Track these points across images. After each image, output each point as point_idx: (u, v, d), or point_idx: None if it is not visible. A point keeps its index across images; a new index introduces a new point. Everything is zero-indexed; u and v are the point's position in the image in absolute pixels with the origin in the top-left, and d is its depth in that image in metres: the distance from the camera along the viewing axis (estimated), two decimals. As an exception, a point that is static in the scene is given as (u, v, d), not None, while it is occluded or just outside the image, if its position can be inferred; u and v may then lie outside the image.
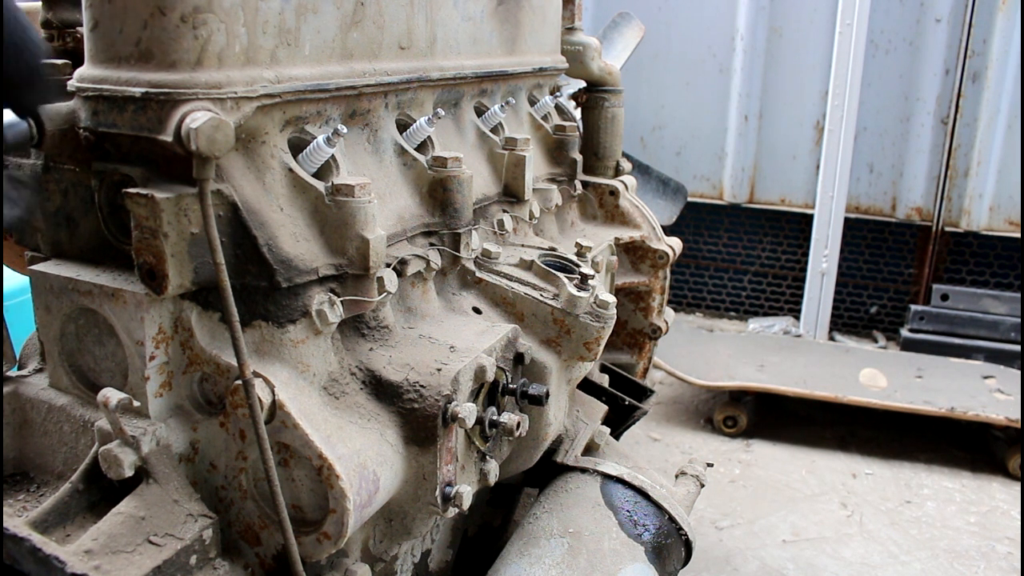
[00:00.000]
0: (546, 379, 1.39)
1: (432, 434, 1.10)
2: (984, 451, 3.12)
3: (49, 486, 1.17)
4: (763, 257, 4.40)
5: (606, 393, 1.93)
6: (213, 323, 1.04)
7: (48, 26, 1.43)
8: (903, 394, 3.10)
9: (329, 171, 1.14)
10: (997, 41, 3.67)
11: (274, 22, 1.05)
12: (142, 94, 0.96)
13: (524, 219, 1.62)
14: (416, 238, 1.30)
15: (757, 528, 2.63)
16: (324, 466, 0.99)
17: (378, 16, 1.24)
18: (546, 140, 1.86)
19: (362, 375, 1.14)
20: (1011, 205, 3.84)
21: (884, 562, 2.47)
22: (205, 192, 0.93)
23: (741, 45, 4.02)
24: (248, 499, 1.06)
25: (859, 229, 4.16)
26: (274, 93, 1.04)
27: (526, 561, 1.41)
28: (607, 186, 1.99)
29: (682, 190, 3.14)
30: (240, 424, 1.02)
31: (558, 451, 1.65)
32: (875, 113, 3.97)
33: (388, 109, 1.31)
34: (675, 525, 1.57)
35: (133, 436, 0.99)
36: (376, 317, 1.19)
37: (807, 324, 4.16)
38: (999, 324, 3.79)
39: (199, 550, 1.02)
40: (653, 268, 1.98)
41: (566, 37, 2.00)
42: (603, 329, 1.39)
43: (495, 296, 1.41)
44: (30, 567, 0.95)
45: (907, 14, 3.82)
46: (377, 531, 1.22)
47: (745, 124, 4.13)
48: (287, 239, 1.04)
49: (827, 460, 3.06)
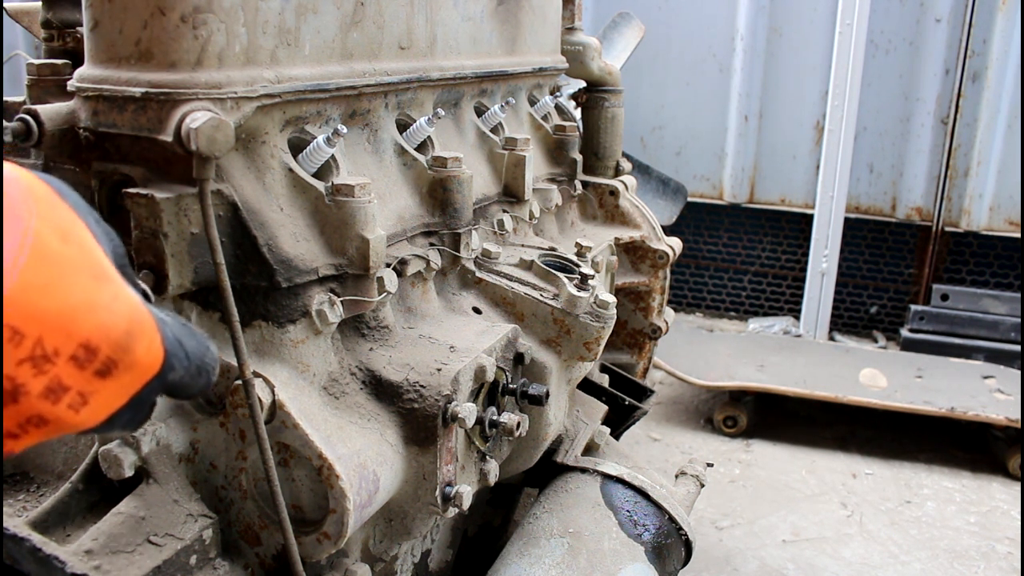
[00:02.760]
0: (546, 379, 1.39)
1: (432, 434, 1.10)
2: (984, 451, 3.12)
3: (49, 486, 1.17)
4: (763, 257, 4.40)
5: (606, 393, 1.93)
6: (213, 323, 1.04)
7: (48, 26, 1.43)
8: (903, 394, 3.10)
9: (329, 171, 1.14)
10: (997, 41, 3.67)
11: (274, 22, 1.05)
12: (142, 94, 0.96)
13: (524, 219, 1.62)
14: (416, 238, 1.30)
15: (757, 528, 2.63)
16: (324, 466, 0.99)
17: (378, 16, 1.24)
18: (546, 140, 1.86)
19: (362, 375, 1.14)
20: (1011, 205, 3.84)
21: (884, 562, 2.47)
22: (205, 192, 0.93)
23: (741, 45, 4.02)
24: (248, 499, 1.06)
25: (859, 229, 4.16)
26: (274, 93, 1.04)
27: (526, 561, 1.41)
28: (607, 186, 1.99)
29: (682, 190, 3.14)
30: (240, 424, 1.02)
31: (558, 451, 1.65)
32: (875, 113, 3.97)
33: (388, 109, 1.31)
34: (675, 525, 1.57)
35: (133, 436, 0.99)
36: (376, 317, 1.19)
37: (807, 324, 4.16)
38: (999, 324, 3.79)
39: (199, 550, 1.02)
40: (653, 268, 1.98)
41: (566, 37, 2.00)
42: (603, 329, 1.39)
43: (495, 296, 1.41)
44: (30, 567, 0.95)
45: (907, 14, 3.82)
46: (377, 531, 1.22)
47: (745, 124, 4.12)
48: (287, 239, 1.04)
49: (827, 460, 3.06)
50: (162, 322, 0.59)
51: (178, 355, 0.60)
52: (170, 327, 0.61)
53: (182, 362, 0.61)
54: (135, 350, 0.55)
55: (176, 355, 0.60)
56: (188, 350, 0.62)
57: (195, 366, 0.63)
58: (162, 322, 0.59)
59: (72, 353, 0.51)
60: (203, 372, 0.64)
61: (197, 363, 0.63)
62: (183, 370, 0.61)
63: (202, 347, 0.65)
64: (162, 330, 0.59)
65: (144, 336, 0.56)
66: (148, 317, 0.57)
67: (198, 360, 0.63)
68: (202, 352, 0.64)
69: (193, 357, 0.63)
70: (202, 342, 0.65)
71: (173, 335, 0.60)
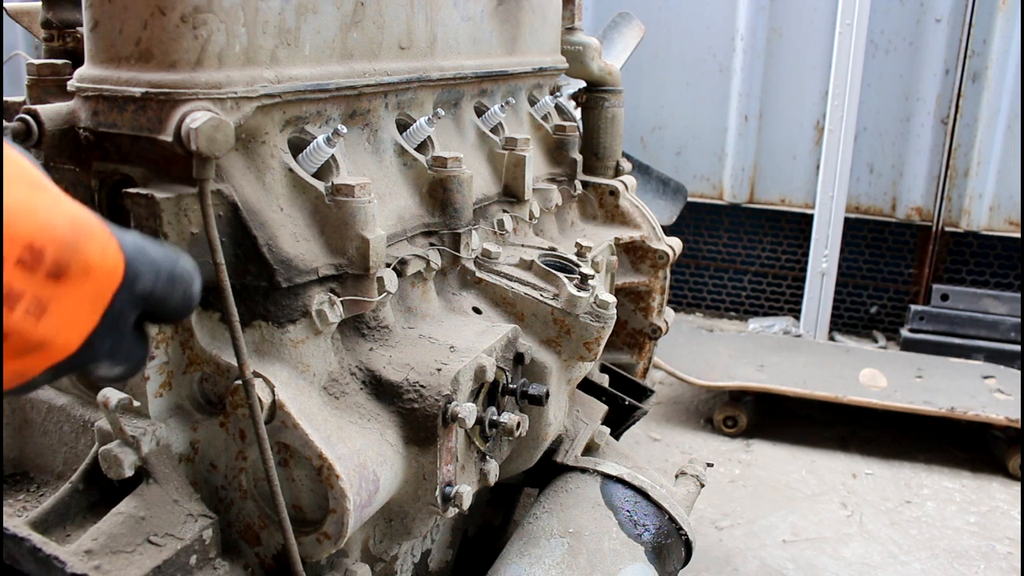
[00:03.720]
0: (546, 379, 1.39)
1: (432, 434, 1.10)
2: (984, 451, 3.12)
3: (49, 486, 1.17)
4: (763, 257, 4.40)
5: (606, 393, 1.93)
6: (213, 323, 1.04)
7: (48, 26, 1.43)
8: (903, 394, 3.10)
9: (329, 171, 1.14)
10: (997, 41, 3.67)
11: (274, 22, 1.05)
12: (142, 94, 0.96)
13: (524, 219, 1.62)
14: (416, 238, 1.30)
15: (757, 528, 2.63)
16: (324, 466, 0.99)
17: (378, 16, 1.24)
18: (546, 140, 1.86)
19: (362, 375, 1.14)
20: (1011, 205, 3.84)
21: (884, 562, 2.47)
22: (205, 192, 0.93)
23: (741, 45, 4.02)
24: (248, 499, 1.06)
25: (859, 229, 4.16)
26: (274, 93, 1.04)
27: (526, 561, 1.41)
28: (607, 186, 1.99)
29: (682, 190, 3.15)
30: (240, 424, 1.02)
31: (558, 451, 1.65)
32: (875, 113, 3.97)
33: (388, 109, 1.31)
34: (675, 525, 1.57)
35: (133, 436, 0.99)
36: (376, 317, 1.19)
37: (807, 324, 4.16)
38: (999, 324, 3.79)
39: (199, 550, 1.02)
40: (653, 268, 1.98)
41: (566, 37, 2.00)
42: (603, 329, 1.39)
43: (495, 296, 1.41)
44: (30, 567, 0.95)
45: (907, 14, 3.82)
46: (377, 531, 1.22)
47: (745, 124, 4.12)
48: (287, 239, 1.04)
49: (827, 460, 3.06)
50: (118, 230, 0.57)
51: (141, 260, 0.58)
52: (130, 235, 0.58)
53: (149, 268, 0.58)
54: (85, 250, 0.53)
55: (139, 260, 0.57)
56: (154, 257, 0.59)
57: (166, 273, 0.60)
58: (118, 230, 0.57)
59: (18, 256, 0.49)
60: (177, 281, 0.61)
61: (168, 270, 0.60)
62: (153, 277, 0.58)
63: (171, 256, 0.62)
64: (118, 236, 0.57)
65: (94, 238, 0.54)
66: (97, 222, 0.55)
67: (168, 267, 0.60)
68: (172, 260, 0.61)
69: (162, 264, 0.60)
70: (171, 252, 0.63)
71: (133, 241, 0.58)
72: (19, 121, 1.01)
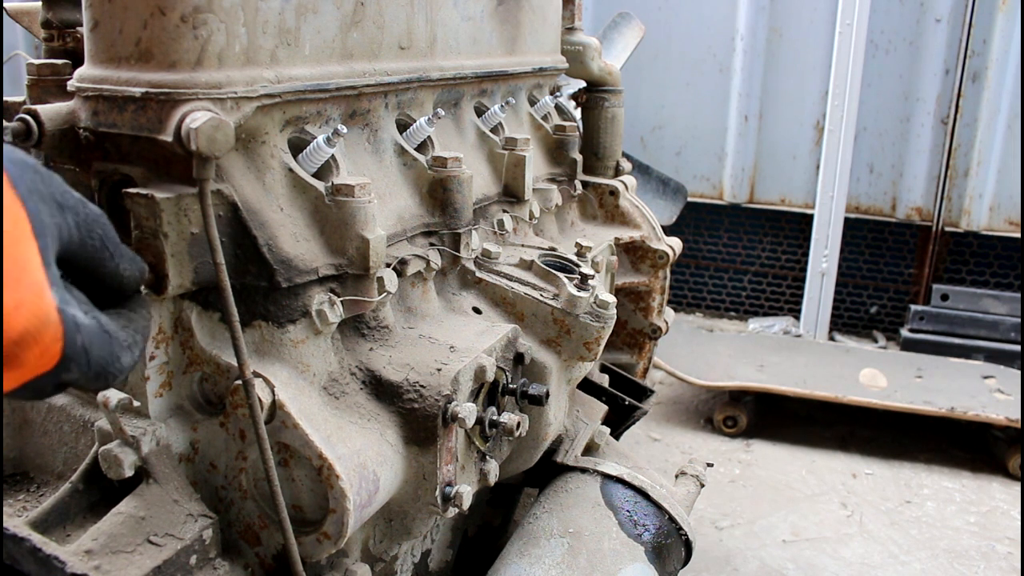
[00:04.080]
0: (546, 379, 1.39)
1: (432, 434, 1.10)
2: (984, 451, 3.12)
3: (49, 486, 1.17)
4: (763, 257, 4.40)
5: (606, 393, 1.93)
6: (213, 323, 1.04)
7: (48, 26, 1.43)
8: (903, 394, 3.10)
9: (329, 171, 1.14)
10: (997, 41, 3.67)
11: (274, 22, 1.05)
12: (142, 94, 0.96)
13: (524, 219, 1.62)
14: (416, 238, 1.30)
15: (757, 528, 2.63)
16: (324, 466, 0.99)
17: (378, 16, 1.24)
18: (546, 140, 1.86)
19: (362, 375, 1.14)
20: (1011, 205, 3.84)
21: (884, 562, 2.47)
22: (205, 192, 0.93)
23: (741, 45, 4.02)
24: (248, 499, 1.06)
25: (859, 229, 4.16)
26: (274, 93, 1.04)
27: (526, 561, 1.41)
28: (607, 186, 1.99)
29: (682, 190, 3.15)
30: (240, 424, 1.02)
31: (558, 451, 1.65)
32: (875, 113, 3.97)
33: (388, 109, 1.31)
34: (675, 525, 1.57)
35: (133, 436, 0.99)
36: (376, 317, 1.19)
37: (807, 324, 4.16)
38: (999, 324, 3.79)
39: (199, 550, 1.02)
40: (653, 268, 1.98)
41: (566, 37, 2.00)
42: (603, 329, 1.39)
43: (495, 296, 1.41)
44: (30, 567, 0.95)
45: (907, 14, 3.82)
46: (377, 531, 1.22)
47: (745, 124, 4.13)
48: (287, 239, 1.04)
49: (827, 460, 3.06)
50: (73, 328, 0.64)
51: (78, 361, 0.65)
52: (84, 334, 0.65)
53: (81, 367, 0.66)
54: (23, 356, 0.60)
55: (75, 360, 0.65)
56: (92, 358, 0.67)
57: (94, 372, 0.68)
58: (73, 328, 0.64)
59: None
60: (102, 378, 0.69)
61: (97, 370, 0.68)
62: (79, 374, 0.66)
63: (111, 357, 0.69)
64: (67, 337, 0.63)
65: (37, 345, 0.61)
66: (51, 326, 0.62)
67: (99, 368, 0.68)
68: (108, 362, 0.69)
69: (95, 365, 0.67)
70: (114, 352, 0.70)
71: (81, 343, 0.65)
72: (19, 121, 1.01)
